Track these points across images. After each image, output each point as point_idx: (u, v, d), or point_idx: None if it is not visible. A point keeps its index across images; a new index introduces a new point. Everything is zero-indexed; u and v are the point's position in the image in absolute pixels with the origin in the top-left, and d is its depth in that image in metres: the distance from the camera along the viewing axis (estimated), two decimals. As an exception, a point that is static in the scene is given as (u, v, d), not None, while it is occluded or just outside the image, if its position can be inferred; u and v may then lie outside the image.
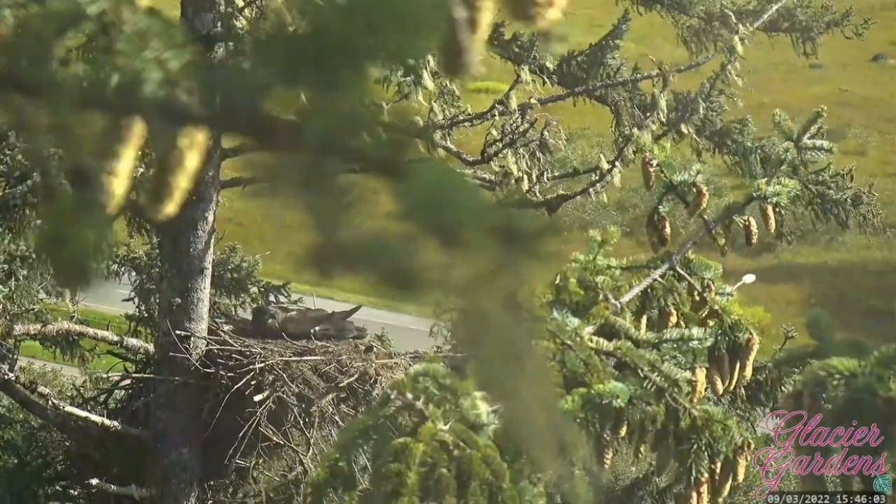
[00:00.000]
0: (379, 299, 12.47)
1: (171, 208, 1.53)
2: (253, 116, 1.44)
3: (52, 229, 1.53)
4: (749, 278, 32.67)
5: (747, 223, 5.21)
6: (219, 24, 10.08)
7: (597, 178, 11.36)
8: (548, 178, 11.35)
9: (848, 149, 46.62)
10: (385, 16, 1.41)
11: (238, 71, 1.48)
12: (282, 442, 10.63)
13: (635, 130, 11.08)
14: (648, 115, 11.41)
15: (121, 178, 1.51)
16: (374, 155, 1.42)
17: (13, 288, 12.02)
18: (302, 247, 1.43)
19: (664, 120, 11.45)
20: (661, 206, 5.19)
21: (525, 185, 11.03)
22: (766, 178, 5.24)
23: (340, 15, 1.41)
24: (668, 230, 5.16)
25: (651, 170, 5.16)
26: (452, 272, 1.39)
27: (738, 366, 4.89)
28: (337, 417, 10.74)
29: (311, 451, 10.70)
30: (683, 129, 11.59)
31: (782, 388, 11.31)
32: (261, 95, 1.44)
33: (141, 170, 1.54)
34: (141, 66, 1.46)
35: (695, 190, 5.12)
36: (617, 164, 11.28)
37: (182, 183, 1.51)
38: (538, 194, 11.17)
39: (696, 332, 4.58)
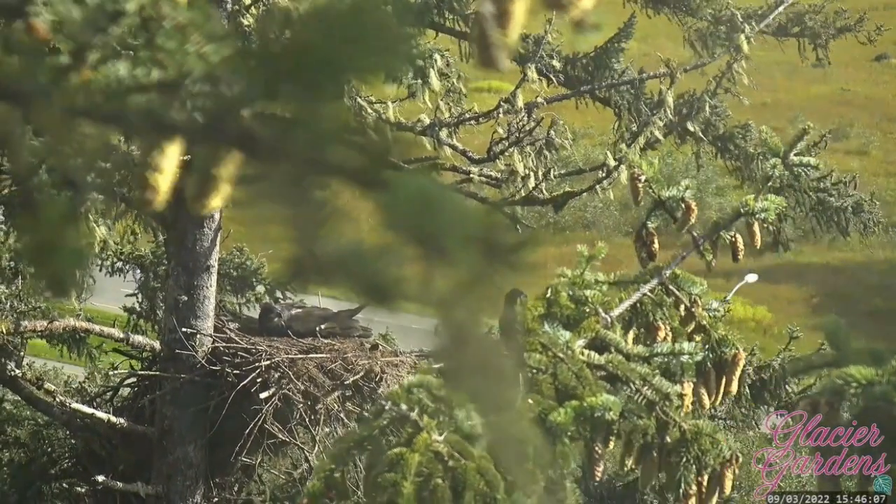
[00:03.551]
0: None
1: (217, 202, 1.51)
2: (236, 128, 1.44)
3: (39, 238, 1.52)
4: (752, 277, 32.67)
5: (734, 239, 5.22)
6: (226, 22, 10.12)
7: (603, 175, 11.38)
8: (554, 176, 11.36)
9: (850, 148, 46.57)
10: (364, 31, 1.41)
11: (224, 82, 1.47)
12: (287, 439, 10.64)
13: (626, 149, 11.11)
14: (655, 112, 11.42)
15: (165, 173, 1.51)
16: (354, 167, 1.42)
17: (19, 286, 12.04)
18: (282, 258, 1.43)
19: (672, 117, 11.47)
20: (649, 222, 5.20)
21: (531, 183, 11.06)
22: (754, 195, 5.24)
23: (321, 30, 1.42)
24: (656, 245, 5.17)
25: (639, 185, 5.16)
26: (432, 284, 1.39)
27: (724, 381, 4.93)
28: (342, 415, 10.75)
29: (316, 448, 10.71)
30: (690, 127, 11.61)
31: (786, 386, 11.35)
32: (244, 107, 1.44)
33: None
34: (183, 61, 1.46)
35: (683, 205, 5.14)
36: (624, 161, 11.28)
37: (227, 175, 1.49)
38: (544, 192, 11.19)
39: (687, 346, 4.63)
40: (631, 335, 4.86)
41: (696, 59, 12.02)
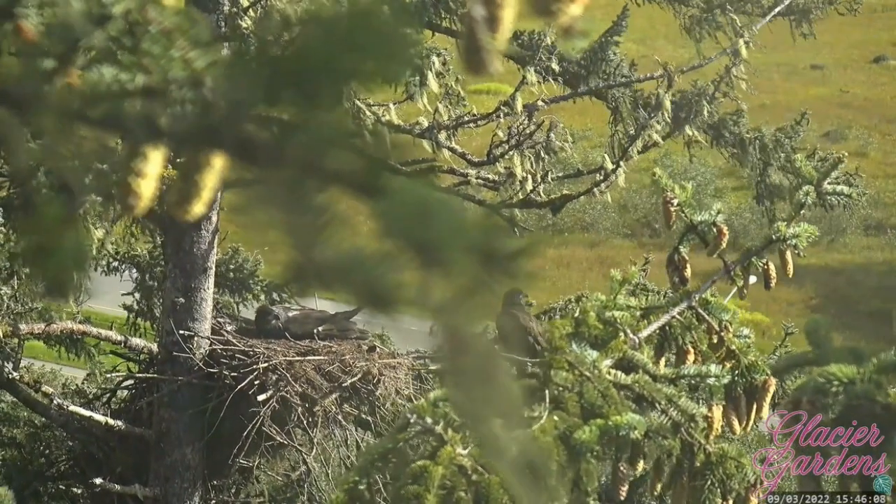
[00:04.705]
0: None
1: (200, 208, 1.50)
2: (235, 134, 1.43)
3: (37, 240, 1.51)
4: (750, 279, 32.68)
5: (766, 267, 5.22)
6: (223, 25, 10.11)
7: (601, 178, 11.37)
8: (552, 179, 11.36)
9: (849, 150, 46.57)
10: (364, 38, 1.41)
11: (223, 88, 1.46)
12: (285, 441, 10.64)
13: (656, 169, 11.12)
14: (653, 115, 11.42)
15: (148, 179, 1.49)
16: (352, 173, 1.41)
17: (15, 287, 12.03)
18: (281, 260, 1.43)
19: (668, 120, 11.47)
20: (681, 247, 5.17)
21: (529, 186, 11.05)
22: (786, 222, 5.22)
23: (321, 36, 1.41)
24: (688, 271, 5.14)
25: (672, 209, 5.12)
26: (430, 291, 1.39)
27: (754, 406, 4.91)
28: (340, 417, 10.76)
29: (314, 450, 10.71)
30: (688, 131, 11.62)
31: (783, 385, 11.33)
32: (243, 113, 1.43)
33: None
34: (167, 66, 1.45)
35: (715, 230, 5.12)
36: (622, 164, 11.30)
37: (210, 182, 1.48)
38: (542, 194, 11.19)
39: (714, 368, 4.61)
40: (663, 362, 4.84)
41: (695, 52, 12.02)
